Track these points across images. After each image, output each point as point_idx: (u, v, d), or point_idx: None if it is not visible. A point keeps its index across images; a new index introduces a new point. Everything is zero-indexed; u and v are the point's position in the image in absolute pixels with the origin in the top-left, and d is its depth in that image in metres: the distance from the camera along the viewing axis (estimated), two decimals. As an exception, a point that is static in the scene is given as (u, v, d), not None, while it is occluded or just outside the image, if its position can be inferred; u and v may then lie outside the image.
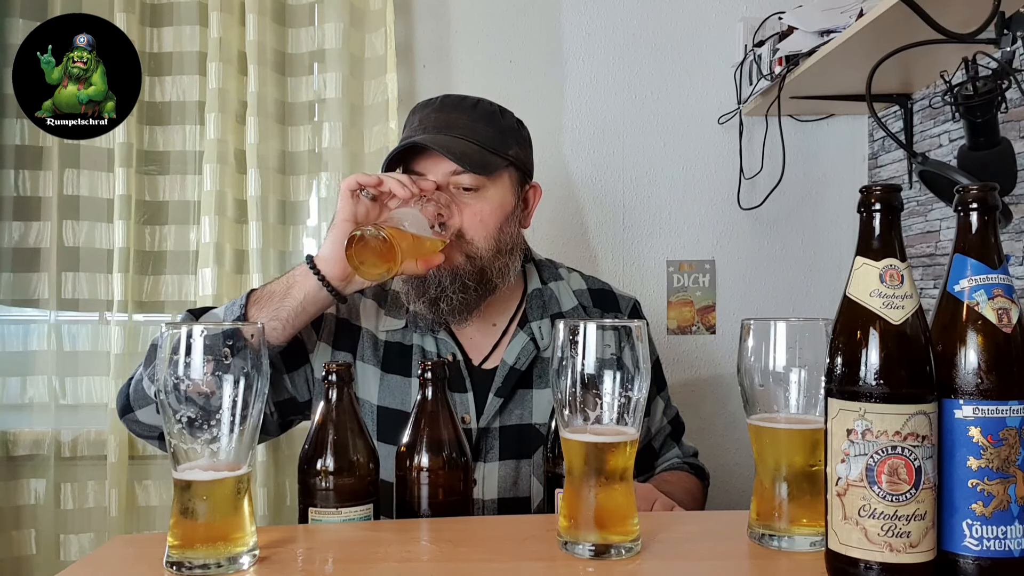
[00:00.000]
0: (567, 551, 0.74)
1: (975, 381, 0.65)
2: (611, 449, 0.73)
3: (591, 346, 0.73)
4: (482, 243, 1.19)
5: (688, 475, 1.29)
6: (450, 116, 1.21)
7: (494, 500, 1.19)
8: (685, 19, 1.92)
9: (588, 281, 1.36)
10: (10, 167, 1.76)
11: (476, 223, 1.18)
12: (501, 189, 1.22)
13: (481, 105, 1.24)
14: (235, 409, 0.70)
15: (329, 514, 0.88)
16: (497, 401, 1.20)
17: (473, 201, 1.19)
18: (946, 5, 1.13)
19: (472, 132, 1.19)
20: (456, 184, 1.18)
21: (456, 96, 1.26)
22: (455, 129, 1.19)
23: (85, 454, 1.75)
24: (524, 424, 1.21)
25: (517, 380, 1.21)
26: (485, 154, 1.18)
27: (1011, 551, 0.64)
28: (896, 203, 0.67)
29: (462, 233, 1.18)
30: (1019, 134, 1.39)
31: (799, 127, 1.93)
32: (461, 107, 1.23)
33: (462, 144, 1.17)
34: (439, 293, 1.17)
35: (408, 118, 1.27)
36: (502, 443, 1.20)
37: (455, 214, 1.18)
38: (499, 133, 1.22)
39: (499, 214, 1.21)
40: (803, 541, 0.75)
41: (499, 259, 1.21)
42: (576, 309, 1.30)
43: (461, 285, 1.17)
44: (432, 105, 1.24)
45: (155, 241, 1.81)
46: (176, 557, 0.70)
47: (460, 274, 1.17)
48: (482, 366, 1.24)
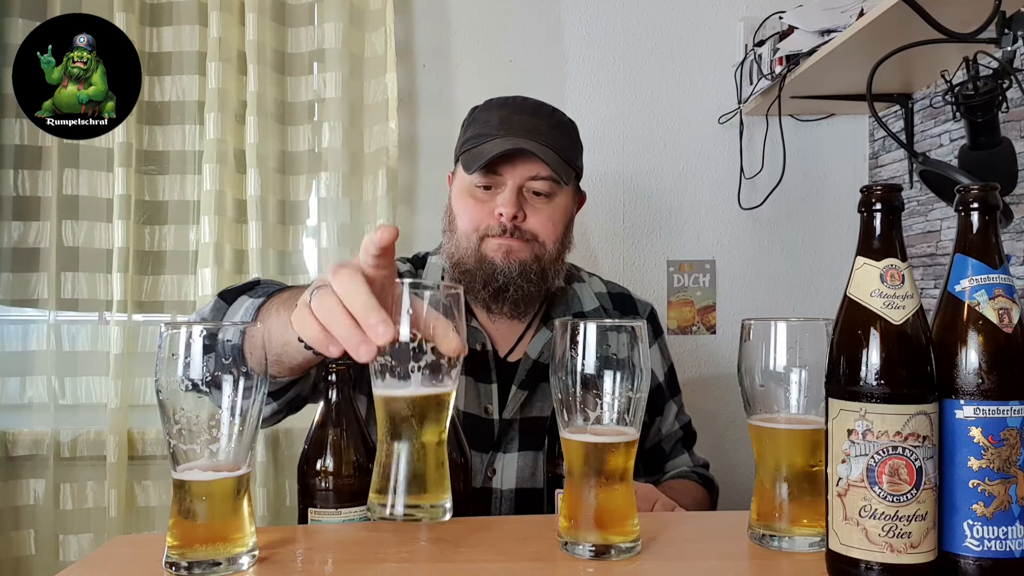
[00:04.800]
0: (567, 551, 0.74)
1: (976, 381, 0.65)
2: (611, 449, 0.73)
3: (591, 346, 0.73)
4: (551, 246, 1.24)
5: (696, 484, 1.30)
6: (532, 121, 1.24)
7: (512, 490, 1.21)
8: (685, 19, 1.92)
9: (608, 285, 1.41)
10: (10, 167, 1.76)
11: (548, 227, 1.24)
12: (567, 197, 1.27)
13: (557, 114, 1.29)
14: (235, 409, 0.70)
15: (329, 514, 0.88)
16: (521, 394, 1.24)
17: (544, 206, 1.24)
18: (947, 5, 1.13)
19: (553, 140, 1.23)
20: (530, 188, 1.22)
21: (534, 100, 1.29)
22: (541, 135, 1.22)
23: (84, 454, 1.75)
24: (544, 416, 1.24)
25: (540, 374, 1.25)
26: (563, 164, 1.23)
27: (1012, 551, 0.64)
28: (897, 203, 0.67)
29: (535, 235, 1.23)
30: (1020, 134, 1.39)
31: (800, 127, 1.93)
32: (540, 113, 1.26)
33: (551, 153, 1.21)
34: (507, 282, 1.22)
35: (480, 113, 1.28)
36: (522, 435, 1.23)
37: (529, 217, 1.22)
38: (572, 143, 1.28)
39: (564, 219, 1.27)
40: (803, 542, 0.75)
41: (558, 261, 1.27)
42: (597, 311, 1.34)
43: (527, 278, 1.22)
44: (511, 106, 1.27)
45: (155, 241, 1.81)
46: (175, 557, 0.69)
47: (527, 270, 1.22)
48: (507, 359, 1.28)
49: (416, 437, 0.74)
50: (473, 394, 1.22)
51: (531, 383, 1.24)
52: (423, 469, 0.75)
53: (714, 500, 1.33)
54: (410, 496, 0.74)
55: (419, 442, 0.74)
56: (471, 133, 1.26)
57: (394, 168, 1.80)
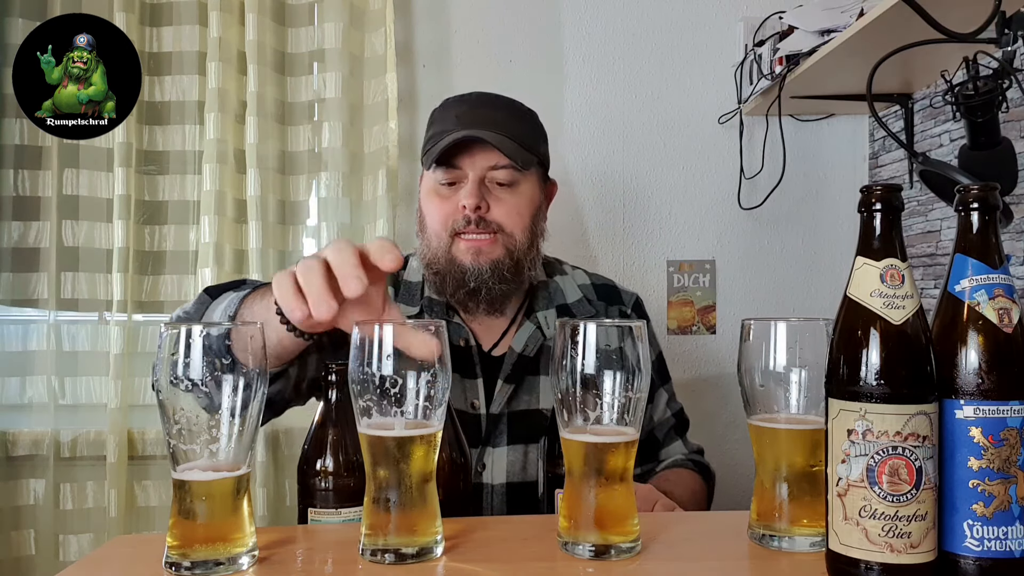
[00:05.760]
0: (567, 551, 0.74)
1: (976, 381, 0.64)
2: (611, 449, 0.73)
3: (591, 346, 0.73)
4: (520, 236, 1.24)
5: (692, 473, 1.30)
6: (489, 112, 1.24)
7: (503, 484, 1.21)
8: (685, 19, 1.92)
9: (592, 277, 1.41)
10: (10, 167, 1.76)
11: (515, 216, 1.23)
12: (532, 185, 1.27)
13: (515, 104, 1.29)
14: (234, 409, 0.70)
15: (329, 514, 0.88)
16: (507, 388, 1.23)
17: (508, 196, 1.23)
18: (947, 5, 1.13)
19: (510, 129, 1.23)
20: (492, 179, 1.22)
21: (490, 94, 1.30)
22: (496, 126, 1.22)
23: (84, 454, 1.75)
24: (532, 410, 1.24)
25: (525, 367, 1.25)
26: (523, 151, 1.22)
27: (1012, 552, 0.64)
28: (897, 203, 0.67)
29: (501, 226, 1.22)
30: (1020, 134, 1.39)
31: (799, 127, 1.93)
32: (497, 104, 1.27)
33: (507, 140, 1.20)
34: (479, 285, 1.21)
35: (438, 113, 1.30)
36: (510, 428, 1.23)
37: (493, 208, 1.22)
38: (532, 131, 1.28)
39: (531, 208, 1.26)
40: (803, 542, 0.75)
41: (531, 252, 1.26)
42: (580, 302, 1.34)
43: (499, 277, 1.22)
44: (468, 101, 1.28)
45: (155, 241, 1.81)
46: (175, 557, 0.69)
47: (499, 267, 1.22)
48: (491, 353, 1.27)
49: (403, 475, 0.72)
50: (459, 390, 1.22)
51: (516, 377, 1.24)
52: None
53: (711, 487, 1.32)
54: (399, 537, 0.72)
55: (407, 481, 0.72)
56: (430, 133, 1.28)
57: (394, 168, 1.81)
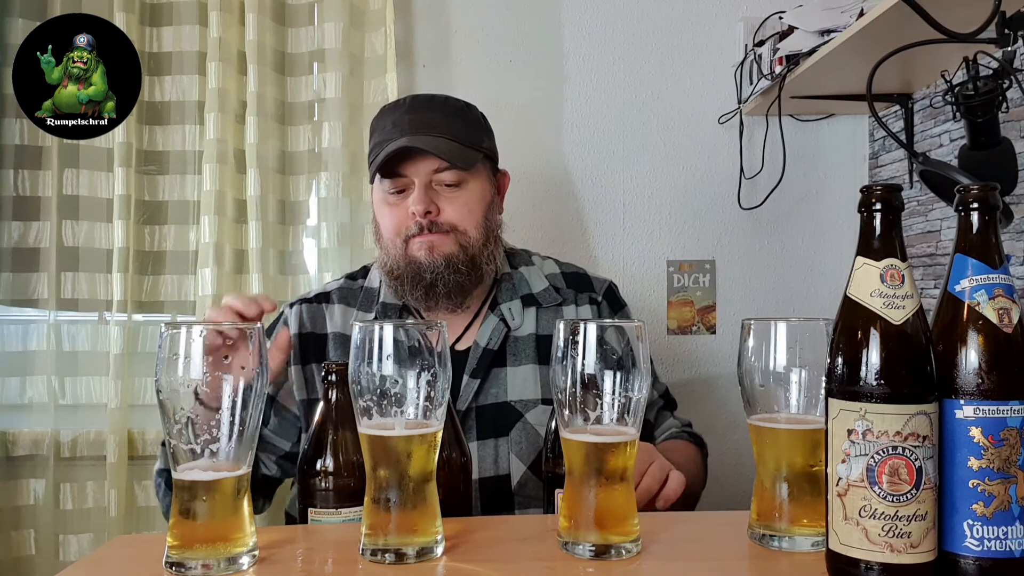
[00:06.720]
0: (567, 551, 0.74)
1: (976, 381, 0.65)
2: (611, 449, 0.73)
3: (591, 346, 0.73)
4: (473, 232, 1.25)
5: (688, 443, 1.30)
6: (425, 116, 1.24)
7: (476, 480, 1.19)
8: (685, 19, 1.92)
9: (562, 266, 1.40)
10: (10, 167, 1.76)
11: (465, 214, 1.24)
12: (480, 180, 1.27)
13: (450, 102, 1.29)
14: (235, 409, 0.70)
15: (329, 514, 0.88)
16: (473, 383, 1.23)
17: (456, 195, 1.24)
18: (947, 5, 1.13)
19: (449, 129, 1.23)
20: (439, 181, 1.24)
21: (424, 96, 1.31)
22: (433, 128, 1.22)
23: (84, 454, 1.75)
24: (500, 402, 1.24)
25: (491, 360, 1.25)
26: (464, 149, 1.23)
27: (1012, 551, 0.64)
28: (897, 203, 0.67)
29: (454, 225, 1.23)
30: (1020, 134, 1.39)
31: (799, 127, 1.93)
32: (432, 105, 1.27)
33: (444, 143, 1.21)
34: (435, 278, 1.22)
35: (377, 122, 1.30)
36: (479, 423, 1.23)
37: (443, 210, 1.23)
38: (472, 127, 1.28)
39: (483, 203, 1.27)
40: (804, 541, 0.75)
41: (488, 246, 1.27)
42: (547, 291, 1.33)
43: (454, 269, 1.23)
44: (402, 107, 1.28)
45: (155, 241, 1.81)
46: (176, 557, 0.69)
47: (454, 260, 1.23)
48: (454, 347, 1.27)
49: (403, 475, 0.72)
50: None
51: (482, 371, 1.24)
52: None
53: (705, 457, 1.32)
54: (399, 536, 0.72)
55: (407, 481, 0.72)
56: (372, 144, 1.28)
57: (394, 168, 1.80)
